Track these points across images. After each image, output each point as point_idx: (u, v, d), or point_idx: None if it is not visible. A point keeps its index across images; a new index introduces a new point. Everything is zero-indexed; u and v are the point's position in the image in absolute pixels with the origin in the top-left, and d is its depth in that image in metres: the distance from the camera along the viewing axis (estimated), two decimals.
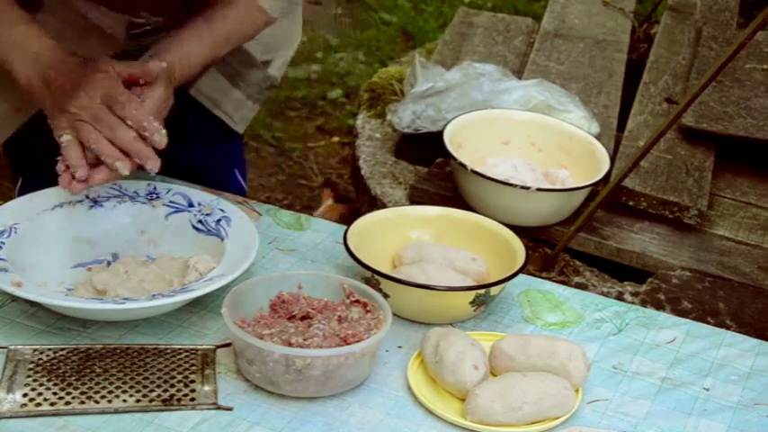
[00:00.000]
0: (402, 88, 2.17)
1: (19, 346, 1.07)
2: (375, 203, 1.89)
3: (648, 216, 1.82)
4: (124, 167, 1.16)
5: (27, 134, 1.42)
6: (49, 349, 1.07)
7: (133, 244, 1.25)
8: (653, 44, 2.53)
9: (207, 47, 1.29)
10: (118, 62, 1.21)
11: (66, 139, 1.16)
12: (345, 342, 1.06)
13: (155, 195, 1.29)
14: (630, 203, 1.83)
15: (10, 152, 1.55)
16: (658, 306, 1.59)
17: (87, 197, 1.27)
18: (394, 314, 1.11)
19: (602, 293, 1.60)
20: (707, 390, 1.12)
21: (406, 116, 1.95)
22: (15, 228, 1.18)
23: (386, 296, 1.15)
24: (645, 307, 1.40)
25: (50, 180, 1.21)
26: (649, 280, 1.68)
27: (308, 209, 3.03)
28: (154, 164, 1.16)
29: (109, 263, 1.23)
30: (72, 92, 1.16)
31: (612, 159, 1.81)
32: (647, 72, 2.37)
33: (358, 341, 1.06)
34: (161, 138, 1.17)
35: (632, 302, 1.55)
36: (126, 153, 1.15)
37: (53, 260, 1.20)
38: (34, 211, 1.22)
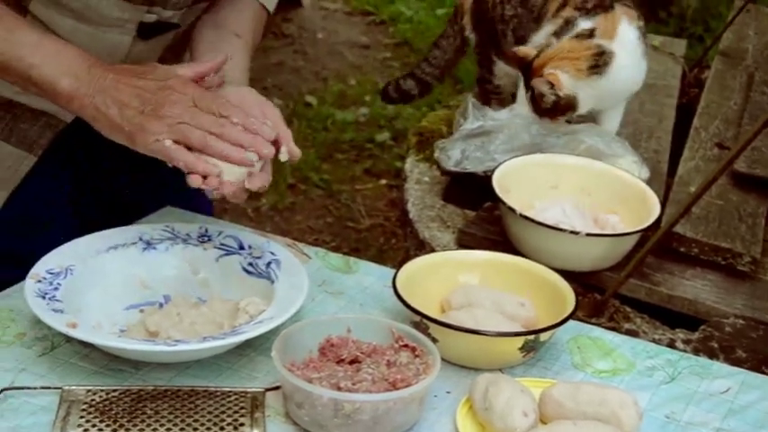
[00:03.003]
0: (451, 132, 2.17)
1: (73, 387, 1.09)
2: (423, 247, 1.89)
3: (700, 262, 1.79)
4: (253, 157, 1.13)
5: None
6: (102, 390, 1.09)
7: (185, 286, 1.27)
8: (704, 89, 2.52)
9: (249, 60, 1.34)
10: (181, 65, 1.19)
11: (169, 143, 1.11)
12: (394, 387, 1.06)
13: (206, 238, 1.30)
14: (682, 249, 1.80)
15: None
16: (711, 354, 1.56)
17: (141, 239, 1.29)
18: (443, 359, 1.11)
19: (654, 341, 1.58)
20: None
21: (454, 154, 1.95)
22: (71, 269, 1.21)
23: (434, 341, 1.15)
24: (697, 355, 1.37)
25: None
26: (702, 327, 1.65)
27: (356, 251, 3.04)
28: (270, 150, 1.15)
29: (161, 305, 1.25)
30: (161, 96, 1.12)
31: (663, 205, 1.80)
32: (698, 117, 2.35)
33: (407, 386, 1.06)
34: (270, 129, 1.16)
35: (684, 350, 1.52)
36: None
37: (107, 301, 1.22)
38: (89, 252, 1.25)
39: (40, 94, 1.16)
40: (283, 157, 1.21)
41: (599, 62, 1.86)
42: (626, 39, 1.89)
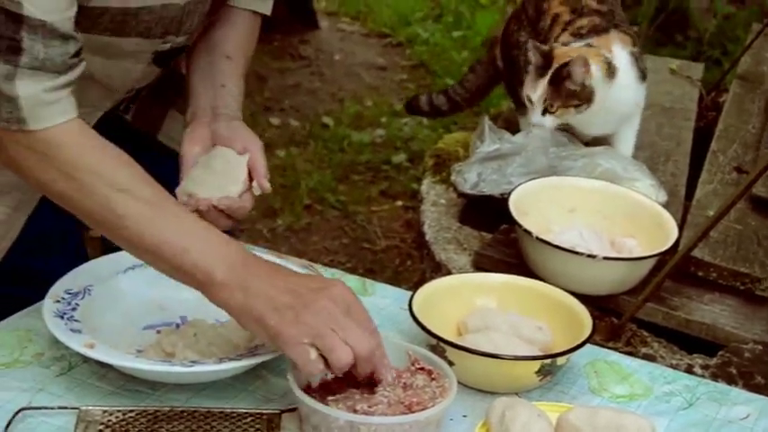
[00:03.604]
0: (467, 154, 2.18)
1: (90, 407, 1.09)
2: (439, 269, 1.89)
3: (719, 287, 1.79)
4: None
5: None
6: (119, 411, 1.09)
7: (202, 307, 1.26)
8: (721, 112, 2.51)
9: (242, 82, 1.34)
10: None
11: (314, 356, 1.03)
12: (410, 410, 1.06)
13: None
14: (700, 274, 1.79)
15: None
16: (730, 380, 1.55)
17: None
18: (459, 382, 1.10)
19: (671, 366, 1.56)
20: None
21: (471, 177, 1.95)
22: (89, 289, 1.21)
23: (451, 364, 1.14)
24: (716, 381, 1.37)
25: None
26: (720, 353, 1.64)
27: (371, 272, 3.04)
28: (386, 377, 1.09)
29: (178, 325, 1.25)
30: (312, 299, 1.04)
31: (681, 228, 1.79)
32: (716, 141, 2.34)
33: (423, 409, 1.06)
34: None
35: (702, 376, 1.51)
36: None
37: (124, 322, 1.22)
38: (107, 272, 1.25)
39: (182, 280, 1.11)
40: (256, 191, 1.25)
41: (610, 68, 1.89)
42: (618, 62, 1.91)
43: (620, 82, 1.92)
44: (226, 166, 1.25)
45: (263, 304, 1.05)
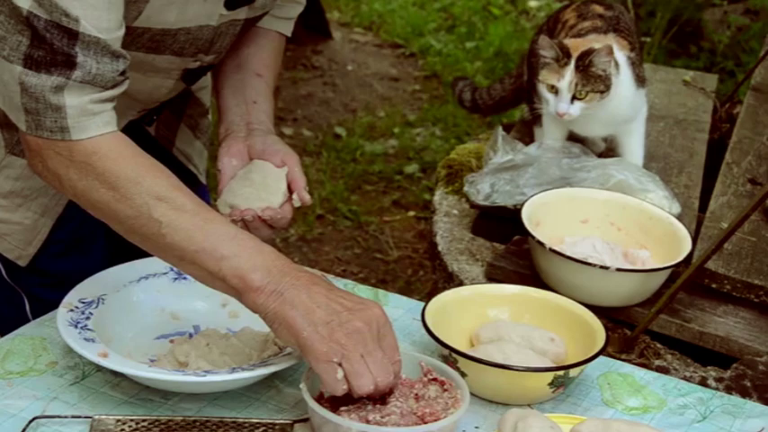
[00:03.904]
0: (480, 165, 2.18)
1: (103, 417, 1.09)
2: (452, 280, 1.88)
3: (732, 299, 1.78)
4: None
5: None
6: (132, 420, 1.09)
7: (214, 317, 1.27)
8: (735, 124, 2.50)
9: (272, 98, 1.39)
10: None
11: (341, 376, 1.04)
12: (422, 420, 1.06)
13: None
14: (714, 286, 1.78)
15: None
16: (744, 393, 1.54)
17: (171, 269, 1.30)
18: (471, 393, 1.10)
19: (685, 378, 1.56)
20: None
21: (484, 188, 1.95)
22: (103, 299, 1.22)
23: (463, 375, 1.14)
24: (730, 394, 1.36)
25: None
26: (734, 366, 1.63)
27: (383, 283, 3.04)
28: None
29: (191, 335, 1.25)
30: (348, 317, 1.05)
31: (694, 240, 1.78)
32: (730, 152, 2.33)
33: (435, 420, 1.05)
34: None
35: (716, 388, 1.50)
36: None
37: (137, 331, 1.23)
38: (121, 282, 1.26)
39: (219, 287, 1.11)
40: (296, 203, 1.29)
41: (616, 63, 1.91)
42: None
43: (617, 81, 1.93)
44: (265, 179, 1.28)
45: (298, 315, 1.05)
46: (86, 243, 1.43)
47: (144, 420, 1.09)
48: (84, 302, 1.20)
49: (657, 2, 4.35)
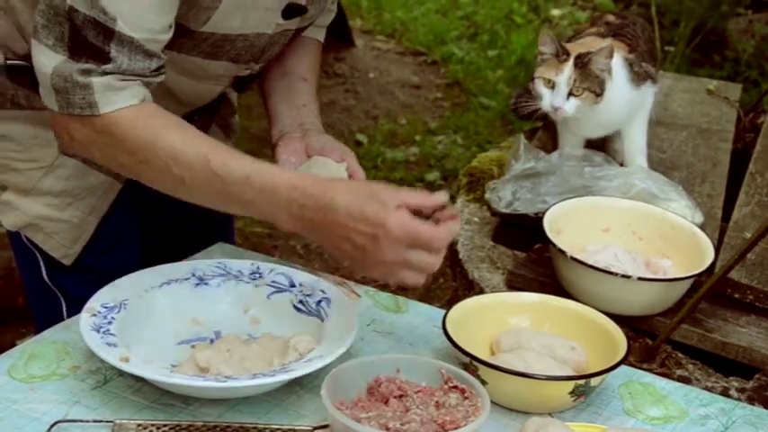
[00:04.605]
0: (502, 173, 2.17)
1: (124, 421, 1.10)
2: (472, 287, 1.88)
3: (755, 309, 1.76)
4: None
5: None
6: (153, 425, 1.10)
7: (236, 322, 1.28)
8: (760, 134, 2.49)
9: (317, 101, 1.48)
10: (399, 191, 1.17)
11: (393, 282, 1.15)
12: (443, 428, 1.06)
13: (258, 275, 1.32)
14: (736, 296, 1.77)
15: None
16: (767, 404, 1.53)
17: (194, 275, 1.31)
18: (492, 401, 1.10)
19: (707, 388, 1.55)
20: None
21: (505, 195, 1.95)
22: (125, 304, 1.22)
23: (484, 383, 1.14)
24: (752, 404, 1.35)
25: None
26: (756, 376, 1.62)
27: (403, 290, 3.03)
28: None
29: (212, 340, 1.26)
30: (372, 250, 1.12)
31: (717, 250, 1.77)
32: (754, 162, 2.32)
33: (455, 428, 1.05)
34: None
35: (738, 399, 1.49)
36: None
37: (159, 336, 1.23)
38: (143, 287, 1.27)
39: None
40: None
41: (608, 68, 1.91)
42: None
43: (610, 86, 1.93)
44: (327, 173, 1.34)
45: (333, 250, 1.16)
46: (126, 238, 1.49)
47: (165, 425, 1.09)
48: (106, 307, 1.21)
49: (681, 11, 4.33)
